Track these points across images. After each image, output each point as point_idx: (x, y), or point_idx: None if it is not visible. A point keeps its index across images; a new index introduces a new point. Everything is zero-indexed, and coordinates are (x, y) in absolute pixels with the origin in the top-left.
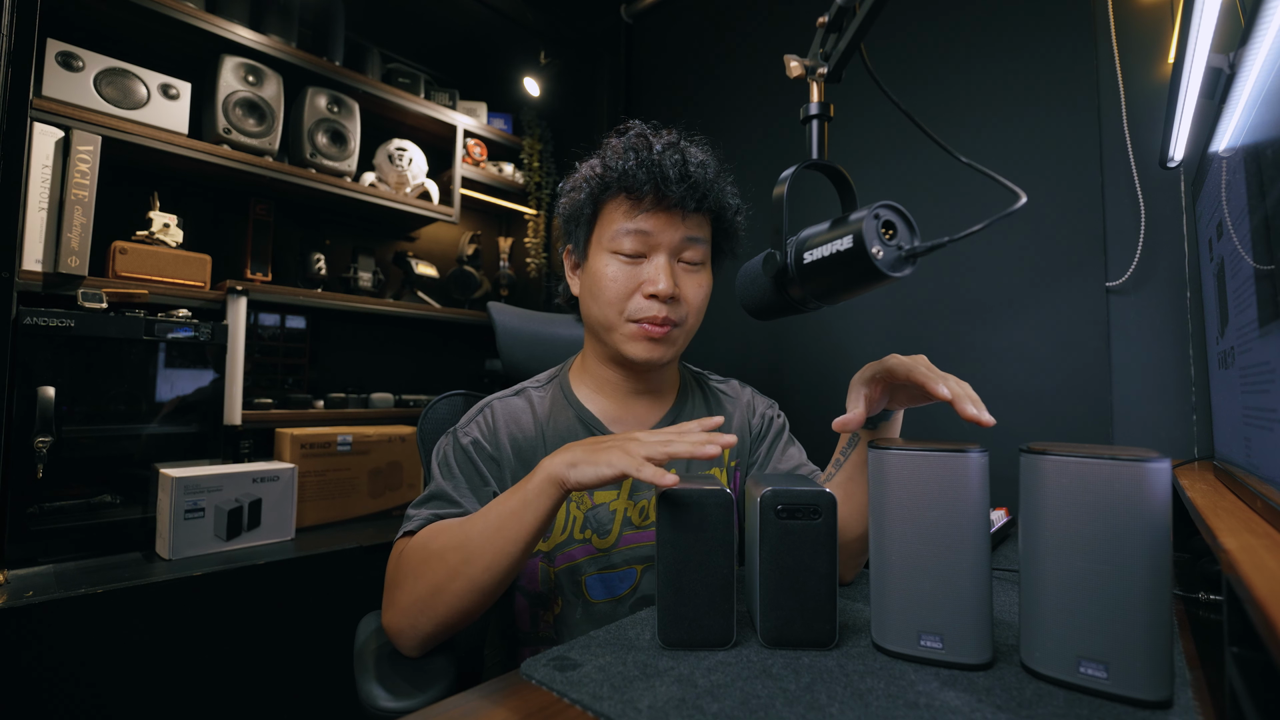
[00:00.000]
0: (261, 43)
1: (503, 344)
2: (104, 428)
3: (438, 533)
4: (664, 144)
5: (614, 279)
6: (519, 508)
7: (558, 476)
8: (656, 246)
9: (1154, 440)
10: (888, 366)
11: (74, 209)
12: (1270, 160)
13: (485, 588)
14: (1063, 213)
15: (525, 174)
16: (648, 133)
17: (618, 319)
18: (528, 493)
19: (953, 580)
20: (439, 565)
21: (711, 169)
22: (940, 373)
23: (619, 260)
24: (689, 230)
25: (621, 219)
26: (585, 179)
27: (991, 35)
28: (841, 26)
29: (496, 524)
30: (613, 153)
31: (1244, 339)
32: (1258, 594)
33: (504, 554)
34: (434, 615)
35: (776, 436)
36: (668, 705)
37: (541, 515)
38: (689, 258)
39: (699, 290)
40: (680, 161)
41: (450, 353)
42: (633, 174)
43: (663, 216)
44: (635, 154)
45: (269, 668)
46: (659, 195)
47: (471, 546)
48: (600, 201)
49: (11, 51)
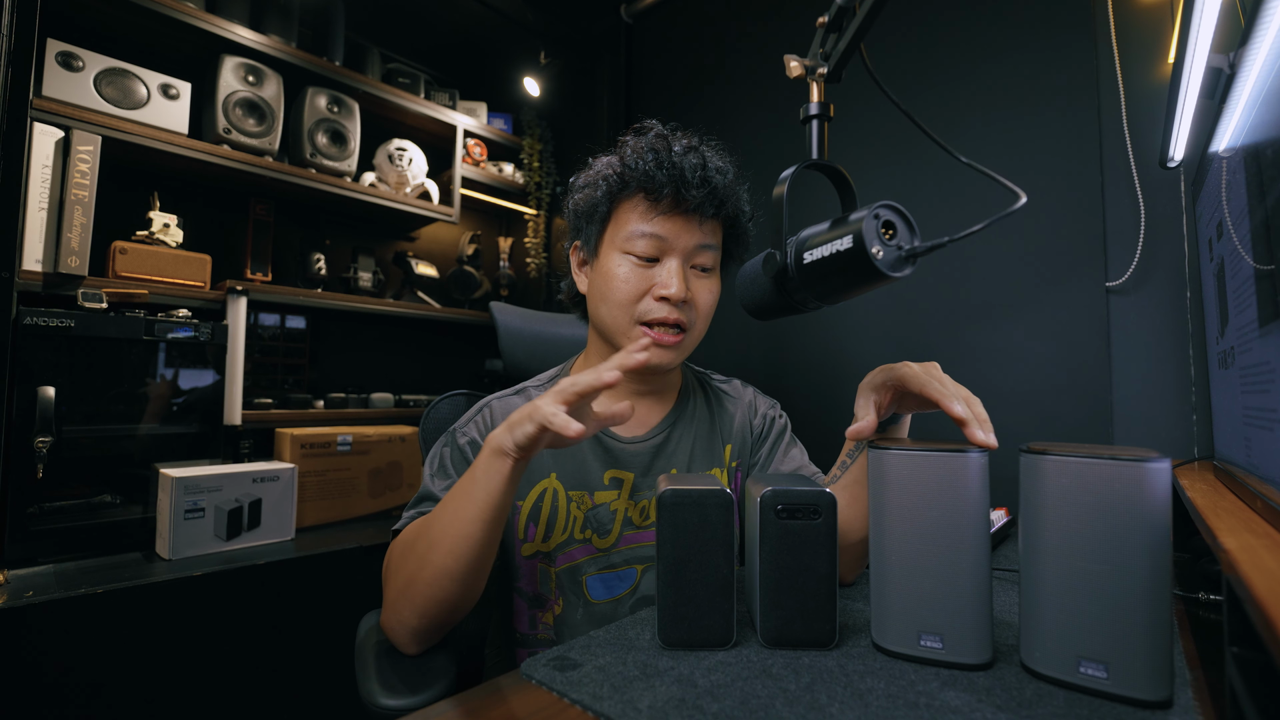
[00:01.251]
0: (261, 43)
1: (505, 344)
2: (104, 428)
3: (413, 528)
4: (684, 147)
5: (626, 280)
6: (469, 486)
7: (499, 445)
8: (670, 250)
9: (1154, 440)
10: (900, 376)
11: (74, 209)
12: (1270, 160)
13: (453, 572)
14: (1063, 213)
15: (525, 174)
16: (668, 134)
17: (627, 321)
18: (476, 470)
19: (953, 580)
20: (410, 556)
21: (730, 175)
22: (954, 388)
23: (631, 261)
24: (703, 236)
25: (638, 220)
26: (603, 176)
27: (991, 35)
28: (841, 26)
29: (452, 507)
30: (632, 151)
31: (1244, 339)
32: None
33: (464, 536)
34: (413, 606)
35: (779, 437)
36: (668, 705)
37: (494, 491)
38: (701, 263)
39: (709, 296)
40: (700, 166)
41: (450, 353)
42: (653, 175)
43: (679, 221)
44: (655, 155)
45: (269, 668)
46: (677, 199)
47: (434, 533)
48: (617, 200)
49: (11, 51)
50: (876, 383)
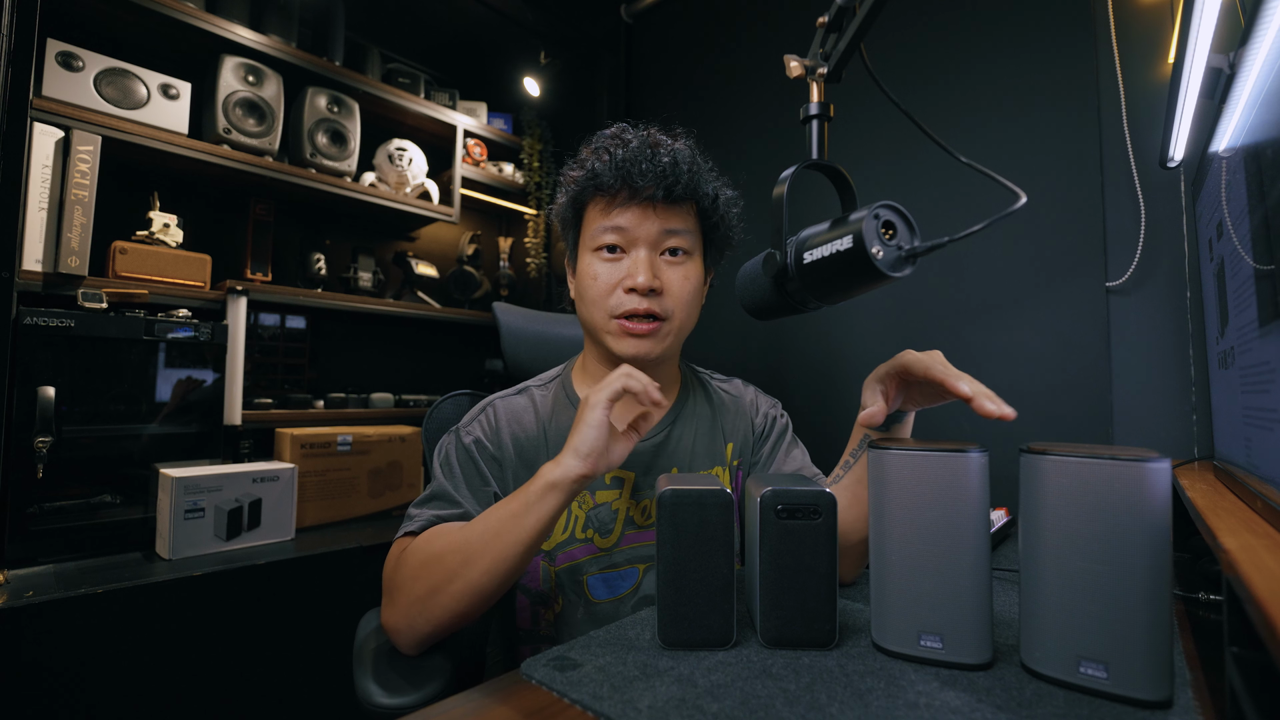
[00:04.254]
0: (261, 43)
1: (507, 344)
2: (104, 428)
3: (438, 535)
4: (640, 140)
5: (596, 277)
6: (520, 511)
7: (561, 477)
8: (635, 241)
9: (1154, 440)
10: (904, 363)
11: (74, 209)
12: (1270, 160)
13: (483, 591)
14: (1063, 213)
15: (525, 174)
16: (625, 130)
17: (604, 317)
18: (529, 497)
19: (953, 580)
20: (438, 568)
21: (685, 158)
22: (957, 371)
23: (601, 258)
24: (666, 222)
25: (599, 218)
26: (568, 185)
27: (991, 35)
28: (841, 26)
29: (497, 528)
30: (588, 155)
31: (1244, 339)
32: (1258, 594)
33: (503, 558)
34: (430, 617)
35: (780, 437)
36: (668, 705)
37: (543, 520)
38: (671, 247)
39: (685, 282)
40: (650, 155)
41: (450, 353)
42: (602, 173)
43: (636, 211)
44: (608, 153)
45: (269, 668)
46: (631, 190)
47: (471, 550)
48: (581, 204)
49: (11, 51)
50: (881, 374)
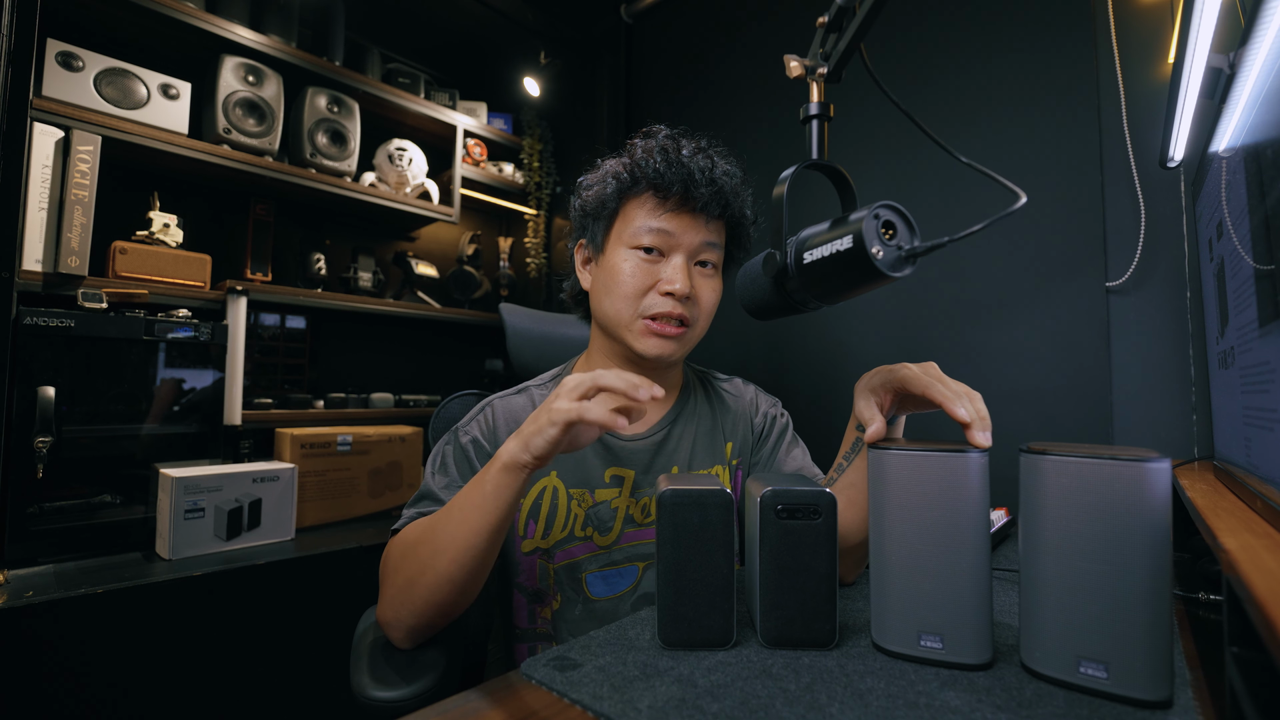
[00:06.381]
0: (261, 43)
1: (513, 344)
2: (104, 428)
3: (415, 528)
4: (693, 149)
5: (632, 274)
6: (479, 499)
7: (515, 461)
8: (676, 247)
9: (1154, 440)
10: (901, 379)
11: (74, 209)
12: (1270, 160)
13: (454, 579)
14: (1063, 213)
15: (525, 174)
16: (676, 136)
17: (631, 315)
18: (486, 483)
19: (953, 580)
20: (412, 560)
21: (736, 178)
22: (955, 388)
23: (638, 256)
24: (708, 235)
25: (646, 216)
26: (613, 174)
27: (991, 35)
28: (841, 26)
29: (459, 516)
30: (643, 152)
31: (1244, 339)
32: (1258, 594)
33: (468, 546)
34: (412, 608)
35: (780, 436)
36: (668, 705)
37: (502, 505)
38: (705, 260)
39: (712, 295)
40: (709, 167)
41: (450, 353)
42: (663, 173)
43: (686, 218)
44: (665, 155)
45: (269, 667)
46: (685, 197)
47: (438, 540)
48: (626, 197)
49: (11, 51)
50: (875, 384)
